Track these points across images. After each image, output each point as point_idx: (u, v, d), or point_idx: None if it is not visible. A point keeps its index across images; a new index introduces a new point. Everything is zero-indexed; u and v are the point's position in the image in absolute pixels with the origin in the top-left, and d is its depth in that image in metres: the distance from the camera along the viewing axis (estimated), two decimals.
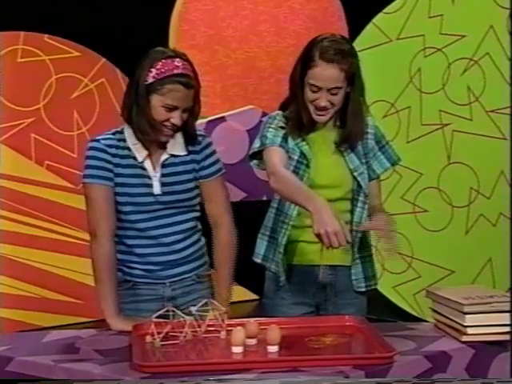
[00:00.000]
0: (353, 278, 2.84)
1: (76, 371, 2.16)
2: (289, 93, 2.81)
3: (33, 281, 4.82)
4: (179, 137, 2.70)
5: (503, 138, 4.41)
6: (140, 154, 2.66)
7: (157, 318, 2.35)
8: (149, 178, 2.67)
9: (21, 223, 4.78)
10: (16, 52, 4.74)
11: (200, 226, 2.81)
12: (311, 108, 2.74)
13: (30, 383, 2.23)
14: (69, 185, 4.89)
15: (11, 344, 2.39)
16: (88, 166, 2.66)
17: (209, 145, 2.77)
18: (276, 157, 2.71)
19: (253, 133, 4.52)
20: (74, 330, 2.57)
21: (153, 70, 2.57)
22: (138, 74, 2.60)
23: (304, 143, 2.78)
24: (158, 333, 2.31)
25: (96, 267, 2.64)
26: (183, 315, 2.36)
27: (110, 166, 2.64)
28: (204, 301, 2.42)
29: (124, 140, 2.67)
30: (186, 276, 2.75)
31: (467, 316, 2.33)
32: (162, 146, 2.69)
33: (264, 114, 4.42)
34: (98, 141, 2.67)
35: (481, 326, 2.33)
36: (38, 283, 4.83)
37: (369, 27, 4.84)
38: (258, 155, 2.81)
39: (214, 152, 2.78)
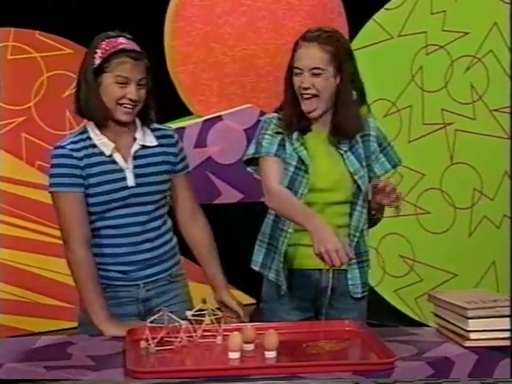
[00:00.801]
0: (349, 283, 2.81)
1: (68, 378, 2.12)
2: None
3: (23, 285, 4.77)
4: (147, 129, 2.69)
5: (507, 138, 4.37)
6: (107, 147, 2.63)
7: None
8: (121, 171, 2.64)
9: (10, 225, 4.74)
10: (6, 49, 4.70)
11: (170, 224, 2.79)
12: (302, 101, 2.71)
13: (30, 383, 2.20)
14: None
15: (0, 350, 2.35)
16: (55, 175, 2.61)
17: (179, 139, 2.79)
18: (271, 172, 2.70)
19: (250, 132, 4.48)
20: (66, 336, 2.55)
21: (98, 51, 2.59)
22: (85, 62, 2.62)
23: (302, 148, 2.75)
24: (153, 338, 2.28)
25: (76, 274, 2.60)
26: (178, 320, 2.32)
27: (78, 171, 2.60)
28: (200, 305, 2.38)
29: (89, 138, 2.64)
30: (160, 276, 2.72)
31: (470, 321, 2.30)
32: (132, 138, 2.67)
33: (262, 113, 4.37)
34: (62, 147, 2.63)
35: (484, 330, 2.31)
36: (29, 287, 4.78)
37: (369, 24, 4.80)
38: (253, 161, 2.79)
39: (183, 146, 2.82)
